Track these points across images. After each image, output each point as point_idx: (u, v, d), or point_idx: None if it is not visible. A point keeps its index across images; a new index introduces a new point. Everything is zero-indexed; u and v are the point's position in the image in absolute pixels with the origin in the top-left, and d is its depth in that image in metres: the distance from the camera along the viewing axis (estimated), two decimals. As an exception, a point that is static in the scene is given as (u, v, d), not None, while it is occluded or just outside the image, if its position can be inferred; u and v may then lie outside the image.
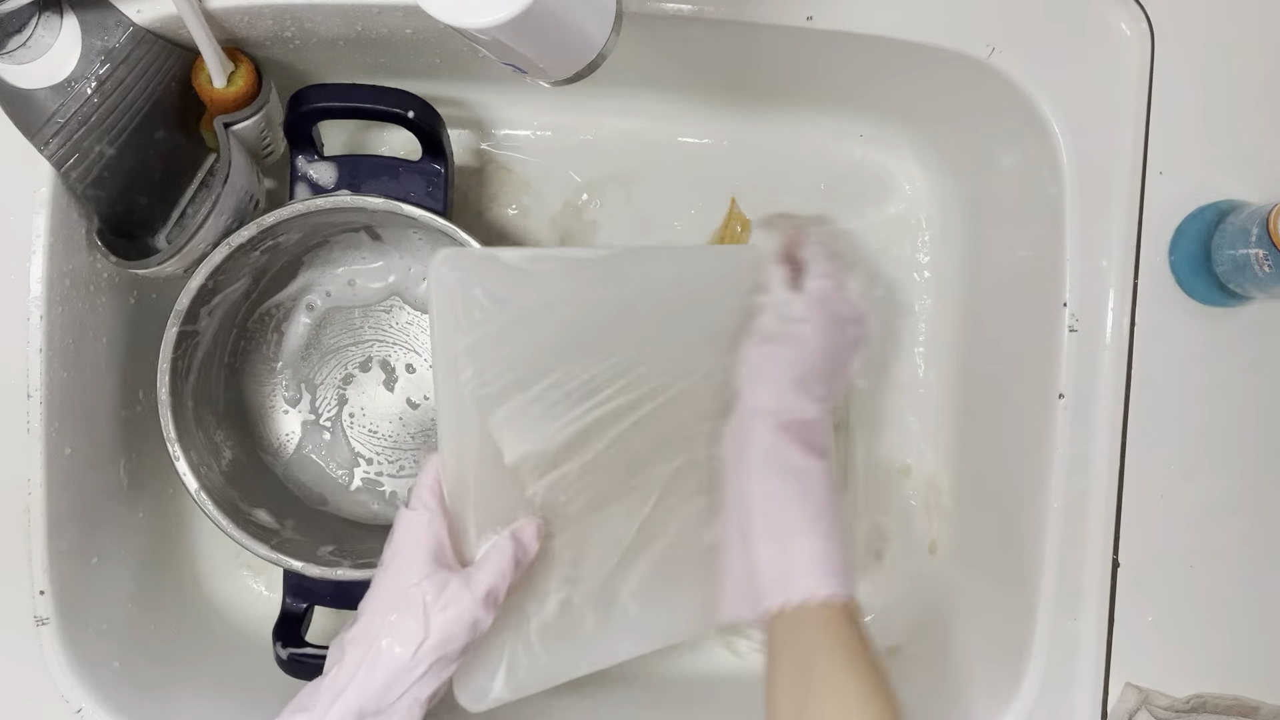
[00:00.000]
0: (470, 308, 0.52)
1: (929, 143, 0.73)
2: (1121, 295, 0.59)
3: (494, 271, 0.53)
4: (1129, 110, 0.59)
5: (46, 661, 0.58)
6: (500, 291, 0.53)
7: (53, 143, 0.54)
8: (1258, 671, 0.61)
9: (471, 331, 0.52)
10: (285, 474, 0.71)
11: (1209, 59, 0.59)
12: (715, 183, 0.74)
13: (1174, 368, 0.60)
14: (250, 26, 0.59)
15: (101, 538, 0.62)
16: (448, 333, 0.52)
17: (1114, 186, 0.59)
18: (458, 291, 0.52)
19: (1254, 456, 0.60)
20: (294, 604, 0.63)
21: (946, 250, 0.74)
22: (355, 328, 0.72)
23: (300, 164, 0.63)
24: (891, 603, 0.74)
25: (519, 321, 0.53)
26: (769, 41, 0.62)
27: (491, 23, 0.37)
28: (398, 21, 0.60)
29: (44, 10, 0.52)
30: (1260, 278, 0.55)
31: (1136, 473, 0.60)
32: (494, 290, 0.53)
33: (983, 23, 0.59)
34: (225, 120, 0.59)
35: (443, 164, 0.64)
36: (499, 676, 0.54)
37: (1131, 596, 0.60)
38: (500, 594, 0.49)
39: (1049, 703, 0.60)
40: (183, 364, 0.62)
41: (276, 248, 0.65)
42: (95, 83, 0.54)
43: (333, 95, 0.61)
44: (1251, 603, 0.61)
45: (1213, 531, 0.60)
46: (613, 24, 0.45)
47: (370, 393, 0.72)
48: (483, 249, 0.58)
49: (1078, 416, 0.59)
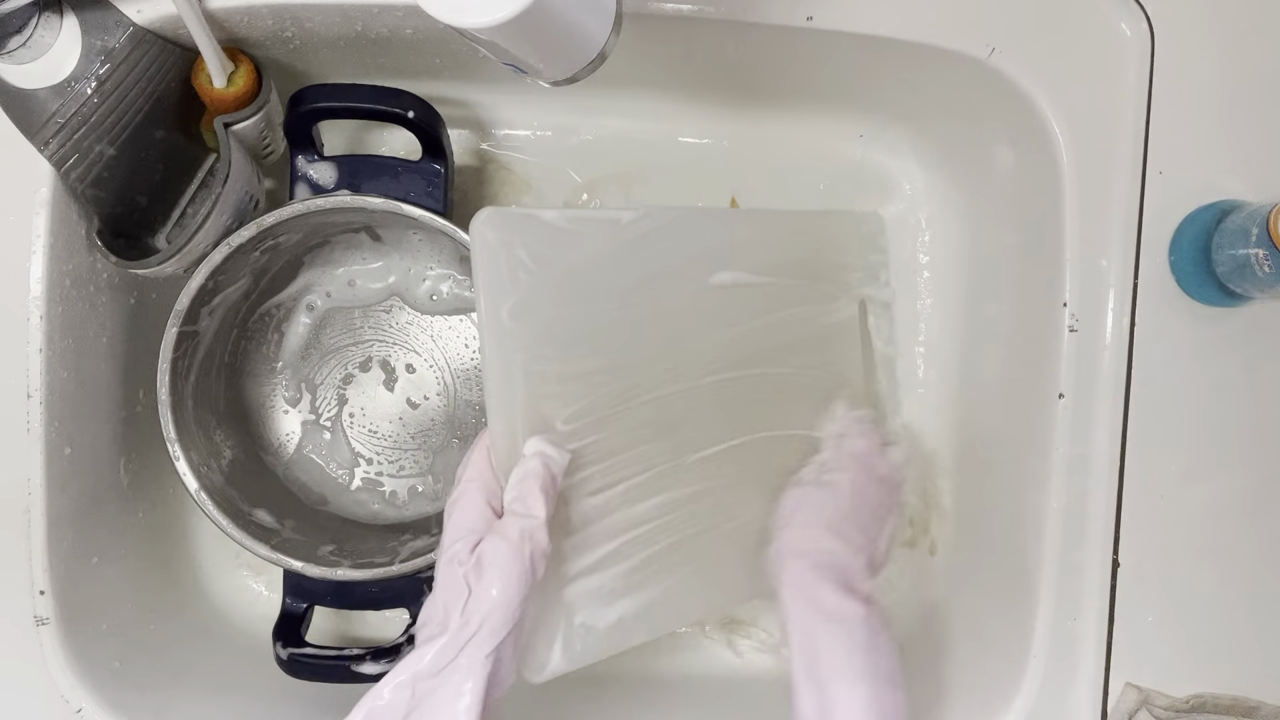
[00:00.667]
0: (515, 268, 0.50)
1: (929, 143, 0.73)
2: (1121, 295, 0.59)
3: (536, 230, 0.51)
4: (1129, 110, 0.59)
5: (46, 661, 0.58)
6: (544, 251, 0.51)
7: (53, 143, 0.54)
8: (1258, 671, 0.61)
9: (516, 292, 0.50)
10: (285, 474, 0.71)
11: (1209, 59, 0.59)
12: (715, 183, 0.74)
13: (1174, 368, 0.60)
14: (250, 26, 0.59)
15: (101, 538, 0.62)
16: (492, 294, 0.50)
17: (1114, 186, 0.59)
18: (501, 252, 0.50)
19: (1254, 456, 0.60)
20: (294, 604, 0.63)
21: (946, 250, 0.74)
22: (355, 328, 0.72)
23: (300, 164, 0.63)
24: (891, 603, 0.74)
25: (564, 282, 0.52)
26: (769, 41, 0.62)
27: (491, 23, 0.37)
28: (398, 21, 0.59)
29: (44, 10, 0.52)
30: (1260, 278, 0.55)
31: (1136, 473, 0.60)
32: (537, 250, 0.51)
33: (983, 23, 0.59)
34: (225, 120, 0.59)
35: (443, 164, 0.64)
36: (555, 649, 0.53)
37: (1131, 596, 0.60)
38: (542, 513, 0.47)
39: (1049, 703, 0.60)
40: (183, 364, 0.62)
41: (277, 248, 0.65)
42: (95, 83, 0.54)
43: (332, 95, 0.61)
44: (1251, 603, 0.61)
45: (1213, 531, 0.60)
46: (613, 24, 0.45)
47: (370, 393, 0.72)
48: (523, 209, 0.55)
49: (1078, 416, 0.59)
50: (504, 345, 0.50)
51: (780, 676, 0.71)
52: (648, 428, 0.55)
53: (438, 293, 0.72)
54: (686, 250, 0.57)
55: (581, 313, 0.53)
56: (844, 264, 0.69)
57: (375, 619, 0.71)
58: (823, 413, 0.65)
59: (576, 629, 0.53)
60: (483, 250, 0.49)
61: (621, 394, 0.54)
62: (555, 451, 0.50)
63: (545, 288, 0.51)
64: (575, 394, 0.52)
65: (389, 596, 0.64)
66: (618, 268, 0.54)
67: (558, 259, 0.51)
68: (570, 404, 0.52)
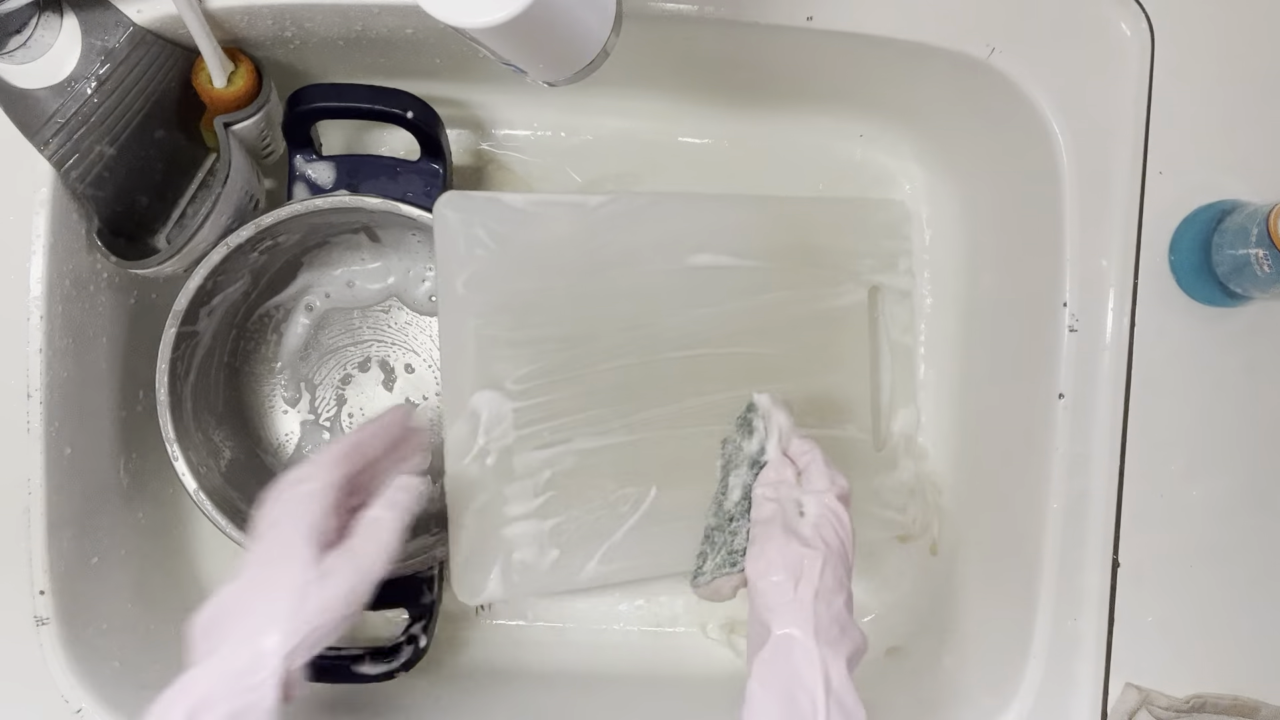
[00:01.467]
0: (472, 245, 0.55)
1: (929, 143, 0.73)
2: (1121, 295, 0.59)
3: (497, 212, 0.56)
4: (1129, 110, 0.59)
5: (46, 661, 0.58)
6: (502, 230, 0.56)
7: (53, 143, 0.54)
8: (1258, 671, 0.61)
9: (471, 265, 0.55)
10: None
11: (1209, 59, 0.59)
12: (715, 183, 0.74)
13: (1174, 368, 0.60)
14: (250, 26, 0.59)
15: (101, 538, 0.62)
16: (449, 267, 0.55)
17: (1114, 186, 0.59)
18: (460, 230, 0.55)
19: (1254, 456, 0.60)
20: (294, 604, 0.63)
21: (946, 250, 0.74)
22: (354, 328, 0.72)
23: (298, 164, 0.63)
24: (891, 603, 0.74)
25: (523, 258, 0.56)
26: (769, 41, 0.62)
27: (491, 23, 0.37)
28: (398, 21, 0.59)
29: (44, 10, 0.52)
30: (1260, 278, 0.55)
31: (1136, 473, 0.60)
32: (496, 229, 0.56)
33: (983, 23, 0.59)
34: (225, 120, 0.59)
35: (441, 164, 0.64)
36: (493, 577, 0.58)
37: (1131, 596, 0.60)
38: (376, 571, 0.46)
39: (1049, 703, 0.59)
40: (182, 365, 0.62)
41: (275, 248, 0.65)
42: (95, 83, 0.54)
43: (330, 95, 0.61)
44: (1251, 603, 0.61)
45: (1213, 531, 0.60)
46: (613, 24, 0.45)
47: (369, 393, 0.72)
48: (486, 193, 0.60)
49: (1078, 416, 0.59)
50: (458, 312, 0.56)
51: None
52: (606, 393, 0.60)
53: (436, 294, 0.72)
54: (660, 232, 0.61)
55: (539, 286, 0.58)
56: (854, 250, 0.69)
57: (374, 619, 0.71)
58: (809, 394, 0.66)
59: (515, 564, 0.58)
60: (442, 229, 0.55)
61: (576, 360, 0.59)
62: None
63: (502, 262, 0.57)
64: (527, 358, 0.58)
65: (388, 596, 0.64)
66: (584, 247, 0.58)
67: (517, 237, 0.57)
68: (521, 366, 0.58)
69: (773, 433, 0.55)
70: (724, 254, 0.63)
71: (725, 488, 0.57)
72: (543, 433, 0.59)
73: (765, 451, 0.55)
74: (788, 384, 0.66)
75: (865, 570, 0.74)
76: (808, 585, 0.48)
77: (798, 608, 0.48)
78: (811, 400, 0.68)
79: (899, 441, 0.72)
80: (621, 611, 0.74)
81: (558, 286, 0.59)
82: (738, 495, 0.55)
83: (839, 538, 0.51)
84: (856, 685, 0.47)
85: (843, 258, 0.69)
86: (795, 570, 0.49)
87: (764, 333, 0.65)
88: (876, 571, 0.74)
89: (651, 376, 0.61)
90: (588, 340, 0.59)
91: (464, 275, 0.56)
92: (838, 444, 0.69)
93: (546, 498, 0.59)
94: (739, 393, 0.60)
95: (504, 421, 0.58)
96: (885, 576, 0.74)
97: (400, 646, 0.64)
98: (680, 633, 0.74)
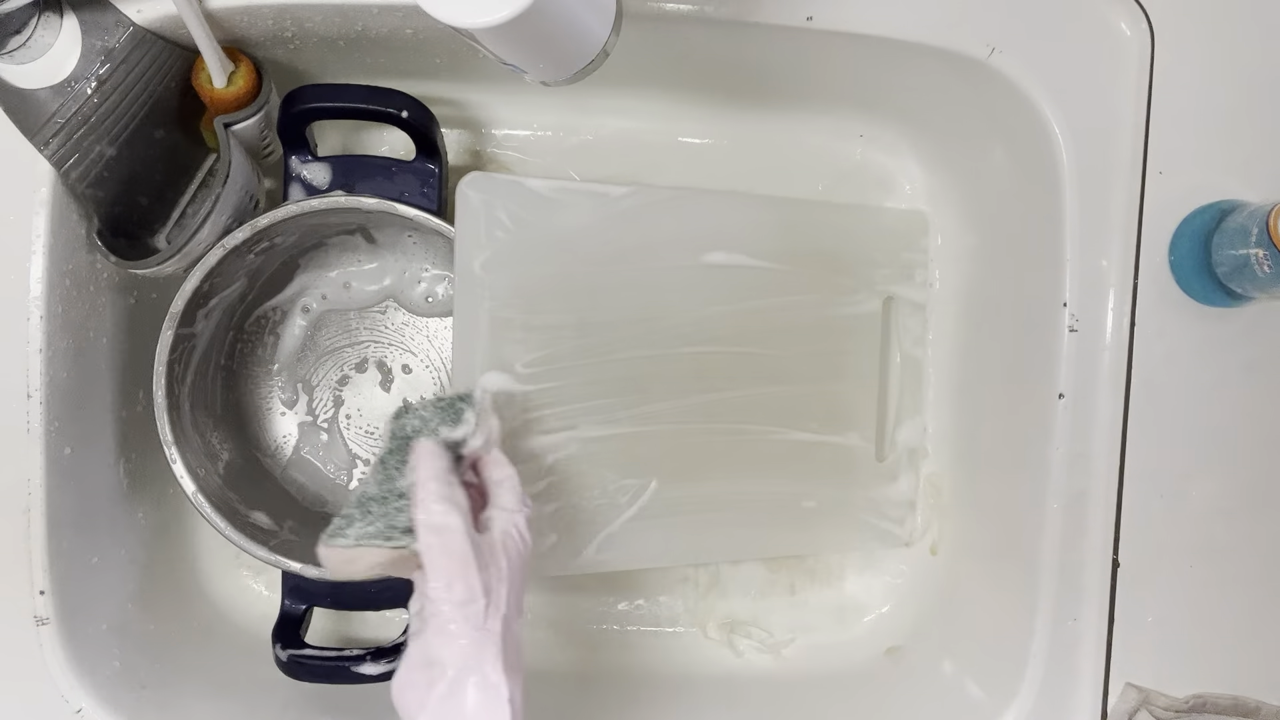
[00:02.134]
0: (493, 226, 0.55)
1: (929, 143, 0.73)
2: (1121, 295, 0.59)
3: (519, 195, 0.57)
4: (1129, 110, 0.59)
5: (46, 661, 0.58)
6: (524, 214, 0.56)
7: (53, 143, 0.54)
8: (1258, 671, 0.61)
9: (490, 247, 0.56)
10: (283, 475, 0.71)
11: (1209, 59, 0.59)
12: (715, 183, 0.74)
13: (1174, 368, 0.60)
14: (250, 26, 0.59)
15: (101, 538, 0.62)
16: (468, 247, 0.55)
17: (1114, 186, 0.59)
18: (481, 211, 0.55)
19: (1254, 456, 0.60)
20: (293, 605, 0.63)
21: (946, 250, 0.74)
22: (351, 329, 0.72)
23: (294, 164, 0.63)
24: (892, 603, 0.74)
25: (541, 244, 0.57)
26: (769, 41, 0.62)
27: (491, 23, 0.37)
28: (398, 21, 0.59)
29: (44, 10, 0.52)
30: (1260, 278, 0.55)
31: (1136, 473, 0.60)
32: (517, 212, 0.56)
33: (983, 23, 0.59)
34: (225, 120, 0.58)
35: (437, 163, 0.63)
36: None
37: (1131, 596, 0.60)
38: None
39: (1049, 703, 0.60)
40: (179, 367, 0.62)
41: (272, 249, 0.65)
42: (95, 83, 0.54)
43: (326, 95, 0.61)
44: (1251, 603, 0.61)
45: (1213, 531, 0.60)
46: (613, 24, 0.45)
47: (367, 394, 0.72)
48: (510, 175, 0.62)
49: (1078, 416, 0.59)
50: (473, 292, 0.56)
51: (780, 676, 0.71)
52: (613, 384, 0.61)
53: (433, 294, 0.72)
54: (679, 228, 0.61)
55: (555, 273, 0.58)
56: (871, 259, 0.69)
57: (374, 619, 0.71)
58: (815, 399, 0.66)
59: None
60: (464, 208, 0.56)
61: (586, 349, 0.60)
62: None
63: (520, 246, 0.57)
64: (539, 343, 0.58)
65: (388, 597, 0.64)
66: (602, 237, 0.58)
67: (538, 222, 0.57)
68: (533, 351, 0.58)
69: (482, 433, 0.52)
70: (741, 253, 0.64)
71: (401, 464, 0.51)
72: (548, 418, 0.60)
73: (466, 445, 0.52)
74: (795, 387, 0.66)
75: (865, 570, 0.74)
76: (495, 613, 0.46)
77: (487, 639, 0.45)
78: (817, 405, 0.68)
79: (902, 454, 0.72)
80: (621, 611, 0.74)
81: (574, 274, 0.59)
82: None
83: (522, 559, 0.49)
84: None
85: (859, 266, 0.69)
86: (484, 595, 0.46)
87: (775, 335, 0.65)
88: (876, 572, 0.74)
89: (660, 370, 0.62)
90: (599, 330, 0.60)
91: (482, 257, 0.56)
92: (839, 451, 0.69)
93: (548, 483, 0.60)
94: (746, 392, 0.60)
95: (511, 404, 0.58)
96: (885, 576, 0.74)
97: (400, 646, 0.64)
98: (680, 633, 0.73)
